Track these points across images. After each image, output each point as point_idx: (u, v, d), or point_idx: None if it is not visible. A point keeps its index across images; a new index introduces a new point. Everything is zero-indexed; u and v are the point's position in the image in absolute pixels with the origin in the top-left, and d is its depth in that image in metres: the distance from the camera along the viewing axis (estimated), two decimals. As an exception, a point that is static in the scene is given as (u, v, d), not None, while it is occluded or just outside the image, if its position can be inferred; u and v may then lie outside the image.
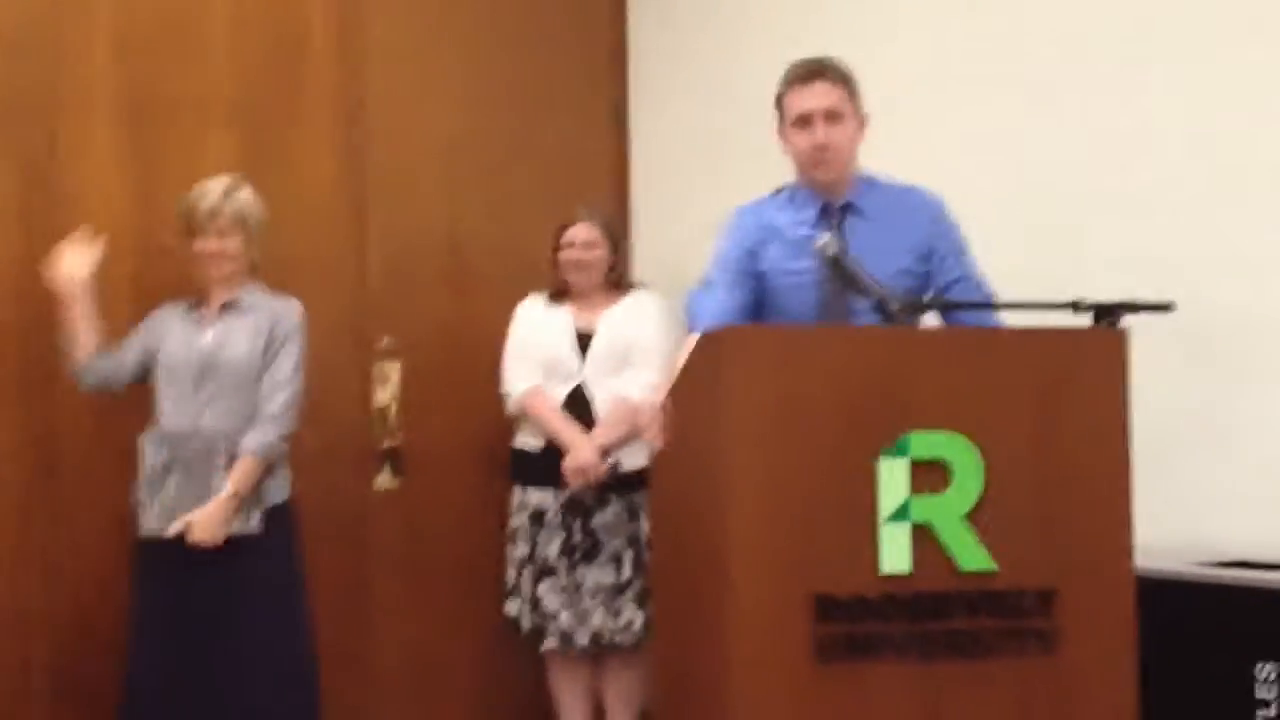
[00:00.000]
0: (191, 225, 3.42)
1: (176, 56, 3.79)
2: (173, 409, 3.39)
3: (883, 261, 2.72)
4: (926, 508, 2.24)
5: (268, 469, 3.39)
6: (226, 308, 3.46)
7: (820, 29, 3.87)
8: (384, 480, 4.04)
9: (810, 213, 2.92)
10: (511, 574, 3.87)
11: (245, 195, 3.47)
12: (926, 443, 2.25)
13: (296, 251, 3.89)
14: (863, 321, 2.76)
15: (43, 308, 3.45)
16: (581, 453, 3.70)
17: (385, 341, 4.04)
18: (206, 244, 3.42)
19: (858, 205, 2.92)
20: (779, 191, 3.01)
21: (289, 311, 3.49)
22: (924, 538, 2.24)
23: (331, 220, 4.00)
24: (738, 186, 3.13)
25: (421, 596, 4.09)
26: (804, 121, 2.87)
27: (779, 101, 2.93)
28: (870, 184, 2.96)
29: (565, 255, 3.90)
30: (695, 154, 4.29)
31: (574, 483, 3.71)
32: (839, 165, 2.90)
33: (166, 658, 3.30)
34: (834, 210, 2.91)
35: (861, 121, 2.93)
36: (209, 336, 3.43)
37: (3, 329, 3.54)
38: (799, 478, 2.23)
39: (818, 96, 2.86)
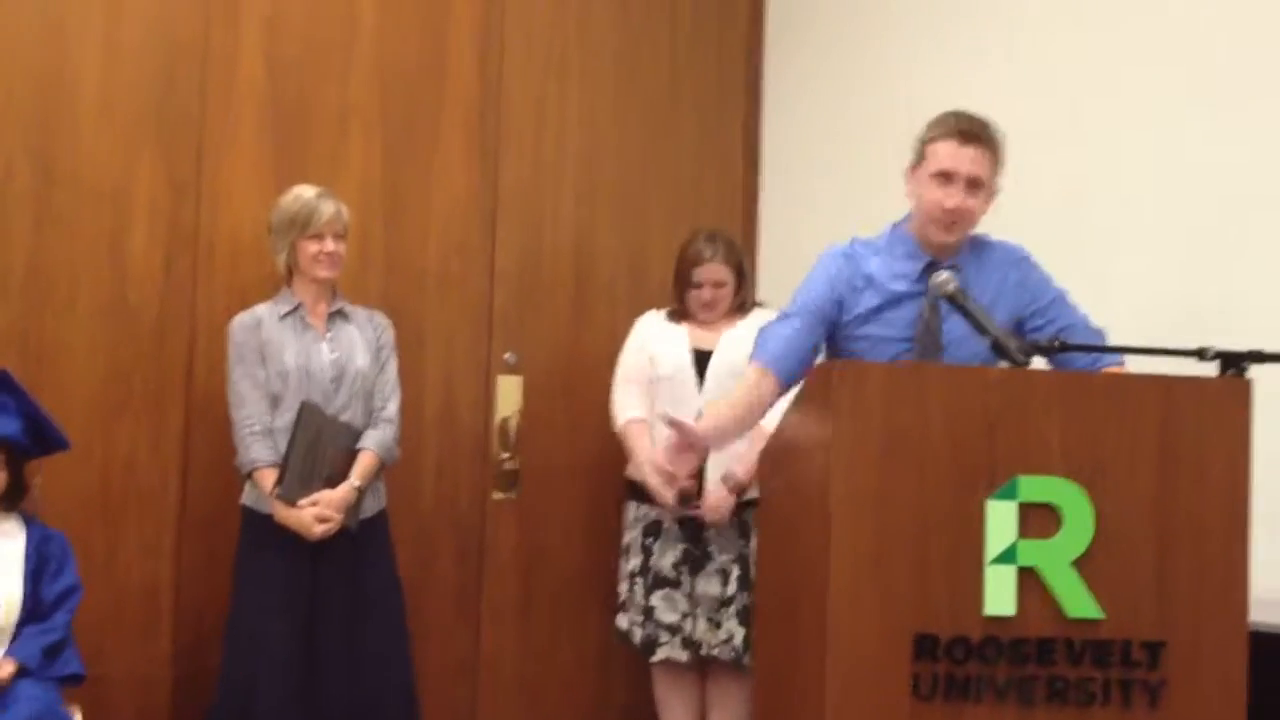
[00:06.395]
0: (310, 226, 3.51)
1: (321, 71, 3.91)
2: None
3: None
4: (1034, 552, 2.23)
5: (381, 469, 3.54)
6: (336, 316, 3.59)
7: (953, 61, 3.86)
8: (501, 492, 4.12)
9: (910, 267, 2.82)
10: (624, 588, 3.92)
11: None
12: (1037, 487, 2.24)
13: (428, 264, 4.00)
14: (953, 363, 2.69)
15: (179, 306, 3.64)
16: (711, 496, 3.75)
17: (508, 357, 4.12)
18: (325, 245, 3.52)
19: (961, 268, 2.79)
20: (882, 233, 2.91)
21: (387, 323, 3.67)
22: (1030, 582, 2.23)
23: (463, 234, 4.10)
24: (865, 210, 3.09)
25: (534, 605, 4.16)
26: (946, 178, 2.74)
27: (925, 144, 2.79)
28: (974, 245, 2.86)
29: (695, 295, 3.90)
30: (823, 174, 4.29)
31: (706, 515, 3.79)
32: (964, 232, 2.80)
33: (284, 627, 3.41)
34: (938, 270, 2.74)
35: (993, 193, 2.80)
36: (329, 348, 3.54)
37: (147, 326, 3.70)
38: (905, 515, 2.23)
39: (969, 161, 2.73)
